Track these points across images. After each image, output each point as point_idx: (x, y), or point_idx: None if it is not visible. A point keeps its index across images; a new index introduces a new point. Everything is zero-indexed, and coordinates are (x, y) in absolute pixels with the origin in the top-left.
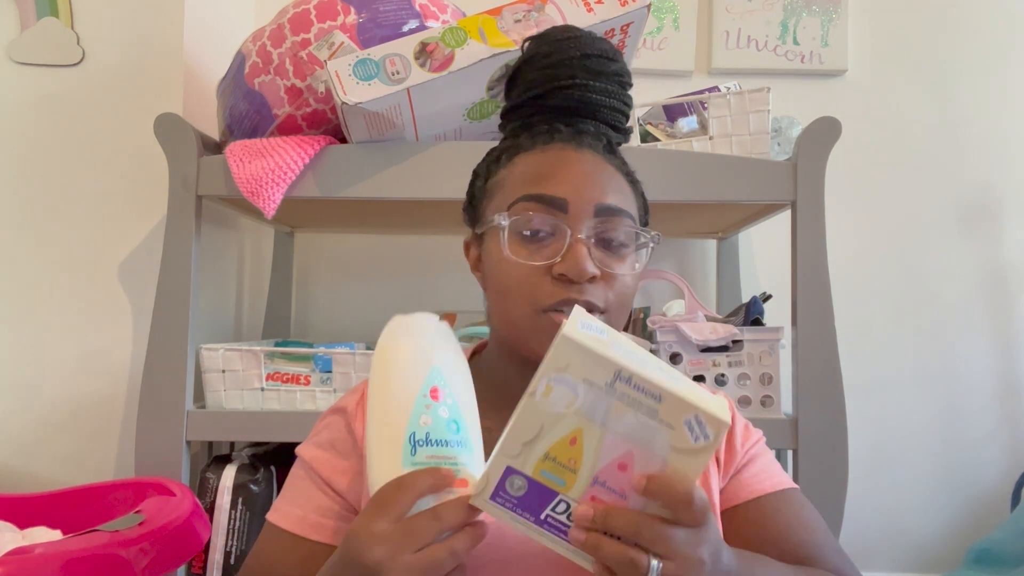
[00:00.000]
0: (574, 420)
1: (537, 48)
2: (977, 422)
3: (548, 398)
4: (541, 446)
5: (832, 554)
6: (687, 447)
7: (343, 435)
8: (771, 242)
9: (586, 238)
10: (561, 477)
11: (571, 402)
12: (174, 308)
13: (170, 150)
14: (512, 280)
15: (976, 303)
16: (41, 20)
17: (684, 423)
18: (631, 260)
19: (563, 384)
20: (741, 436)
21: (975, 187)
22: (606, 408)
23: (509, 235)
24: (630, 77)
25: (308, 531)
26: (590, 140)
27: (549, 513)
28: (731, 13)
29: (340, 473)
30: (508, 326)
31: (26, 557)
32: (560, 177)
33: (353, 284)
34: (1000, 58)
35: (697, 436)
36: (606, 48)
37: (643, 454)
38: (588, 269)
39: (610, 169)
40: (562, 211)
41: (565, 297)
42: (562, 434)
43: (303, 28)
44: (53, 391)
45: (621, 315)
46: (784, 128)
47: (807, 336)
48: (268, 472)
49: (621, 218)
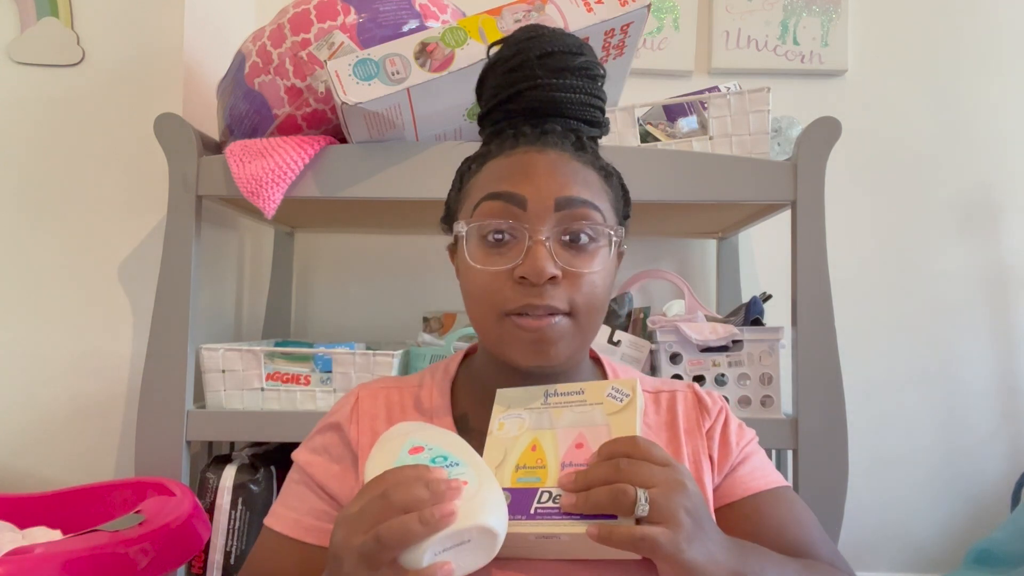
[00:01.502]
0: (528, 435)
1: (500, 53)
2: (977, 422)
3: (503, 431)
4: (510, 462)
5: (824, 549)
6: (617, 409)
7: (338, 448)
8: (771, 242)
9: (546, 238)
10: (535, 476)
11: (521, 425)
12: (174, 308)
13: (170, 150)
14: (477, 286)
15: (976, 303)
16: (41, 20)
17: (607, 396)
18: (600, 257)
19: (510, 417)
20: (735, 435)
21: (975, 187)
22: (548, 417)
23: (474, 242)
24: (599, 68)
25: (303, 534)
26: (556, 139)
27: (537, 506)
28: (731, 13)
29: (333, 477)
30: (480, 331)
31: (26, 557)
32: (519, 177)
33: (353, 284)
34: (1000, 58)
35: (620, 398)
36: (569, 43)
37: (590, 430)
38: (547, 270)
39: (576, 164)
40: (521, 208)
41: (527, 302)
42: (523, 447)
43: (303, 28)
44: (53, 391)
45: (592, 316)
46: (784, 128)
47: (807, 336)
48: (268, 472)
49: (585, 209)
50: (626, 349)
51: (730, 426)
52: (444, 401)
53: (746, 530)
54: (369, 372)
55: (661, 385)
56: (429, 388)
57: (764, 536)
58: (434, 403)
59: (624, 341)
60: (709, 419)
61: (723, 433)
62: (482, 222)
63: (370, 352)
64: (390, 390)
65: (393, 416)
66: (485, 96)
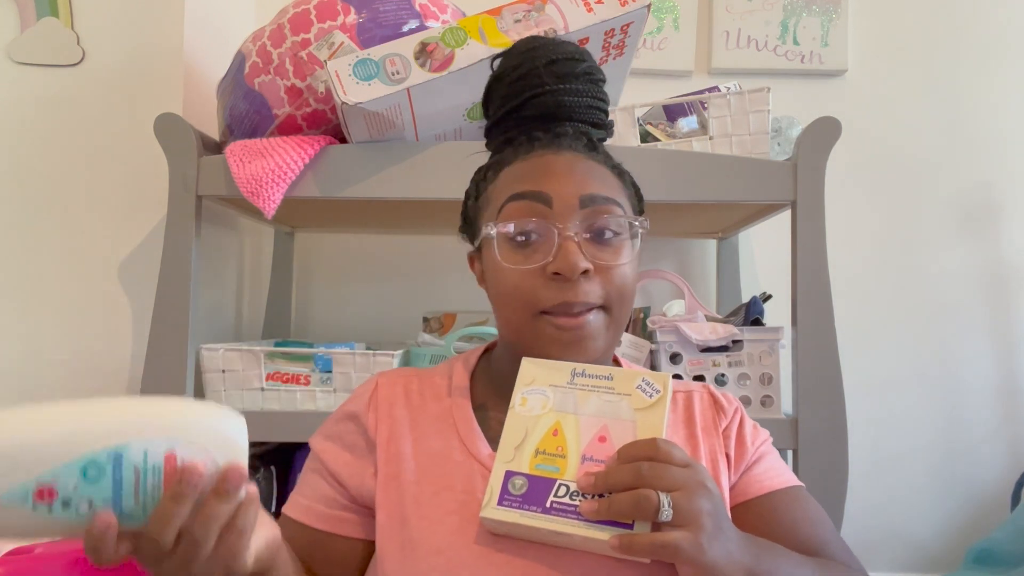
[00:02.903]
0: (551, 416)
1: (505, 63)
2: (977, 422)
3: (525, 407)
4: (530, 445)
5: (837, 548)
6: (646, 404)
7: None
8: (771, 242)
9: (575, 234)
10: (554, 464)
11: (544, 403)
12: (174, 308)
13: (170, 150)
14: (509, 286)
15: (976, 303)
16: (41, 20)
17: (636, 388)
18: (626, 250)
19: (534, 393)
20: (751, 434)
21: (975, 187)
22: (573, 399)
23: (501, 242)
24: (600, 73)
25: (313, 520)
26: (569, 141)
27: (553, 499)
28: (731, 13)
29: (344, 465)
30: (513, 332)
31: (26, 557)
32: (542, 177)
33: (353, 284)
34: (1000, 58)
35: (650, 393)
36: (571, 50)
37: (615, 423)
38: (580, 264)
39: (591, 164)
40: (547, 206)
41: (562, 300)
42: (544, 430)
43: (303, 28)
44: (53, 391)
45: (623, 308)
46: (784, 128)
47: (807, 336)
48: (268, 472)
49: (608, 206)
50: (626, 349)
51: (745, 426)
52: (463, 397)
53: (761, 528)
54: (369, 372)
55: (677, 385)
56: (447, 382)
57: (778, 534)
58: (453, 400)
59: (624, 341)
60: (725, 419)
61: (739, 432)
62: (510, 222)
63: (370, 352)
64: (409, 378)
65: (412, 404)
66: (493, 107)
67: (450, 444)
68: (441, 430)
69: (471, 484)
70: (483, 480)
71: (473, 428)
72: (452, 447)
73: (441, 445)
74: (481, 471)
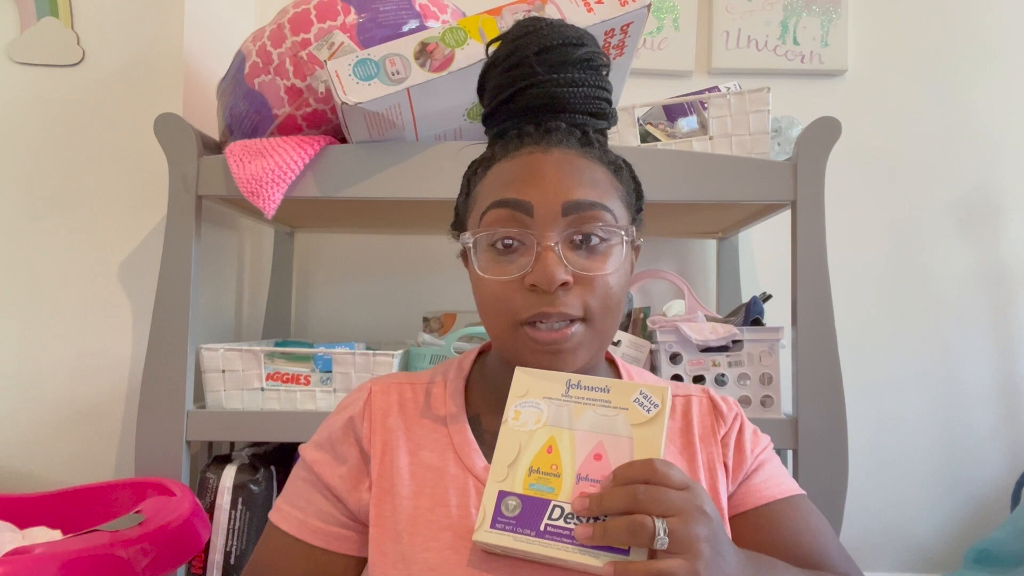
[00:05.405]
0: (545, 432)
1: (498, 51)
2: (977, 422)
3: (518, 421)
4: (524, 462)
5: (839, 559)
6: (643, 420)
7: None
8: (771, 242)
9: (555, 243)
10: (548, 484)
11: (538, 418)
12: (174, 308)
13: (170, 150)
14: (488, 296)
15: (976, 303)
16: (41, 20)
17: (634, 401)
18: (613, 257)
19: (527, 406)
20: (750, 442)
21: (975, 187)
22: (568, 413)
23: (481, 251)
24: (602, 57)
25: (308, 536)
26: (560, 137)
27: (547, 522)
28: (731, 13)
29: (340, 478)
30: (494, 340)
31: (26, 557)
32: (524, 181)
33: (353, 284)
34: (1000, 58)
35: (648, 408)
36: (569, 35)
37: (611, 440)
38: (557, 276)
39: (583, 162)
40: (528, 215)
41: (539, 310)
42: (539, 446)
43: (303, 28)
44: (53, 391)
45: (608, 318)
46: (784, 128)
47: (807, 336)
48: (268, 472)
49: (594, 212)
50: (626, 349)
51: (745, 433)
52: (458, 406)
53: (760, 540)
54: (369, 372)
55: (676, 389)
56: (442, 391)
57: (778, 546)
58: (448, 410)
59: (624, 341)
60: (724, 425)
61: (738, 440)
62: (489, 231)
63: (370, 352)
64: (403, 386)
65: (407, 414)
66: (486, 97)
67: (445, 457)
68: (436, 441)
69: (466, 499)
70: (478, 494)
71: (468, 440)
72: (447, 460)
73: (436, 458)
74: (476, 485)
